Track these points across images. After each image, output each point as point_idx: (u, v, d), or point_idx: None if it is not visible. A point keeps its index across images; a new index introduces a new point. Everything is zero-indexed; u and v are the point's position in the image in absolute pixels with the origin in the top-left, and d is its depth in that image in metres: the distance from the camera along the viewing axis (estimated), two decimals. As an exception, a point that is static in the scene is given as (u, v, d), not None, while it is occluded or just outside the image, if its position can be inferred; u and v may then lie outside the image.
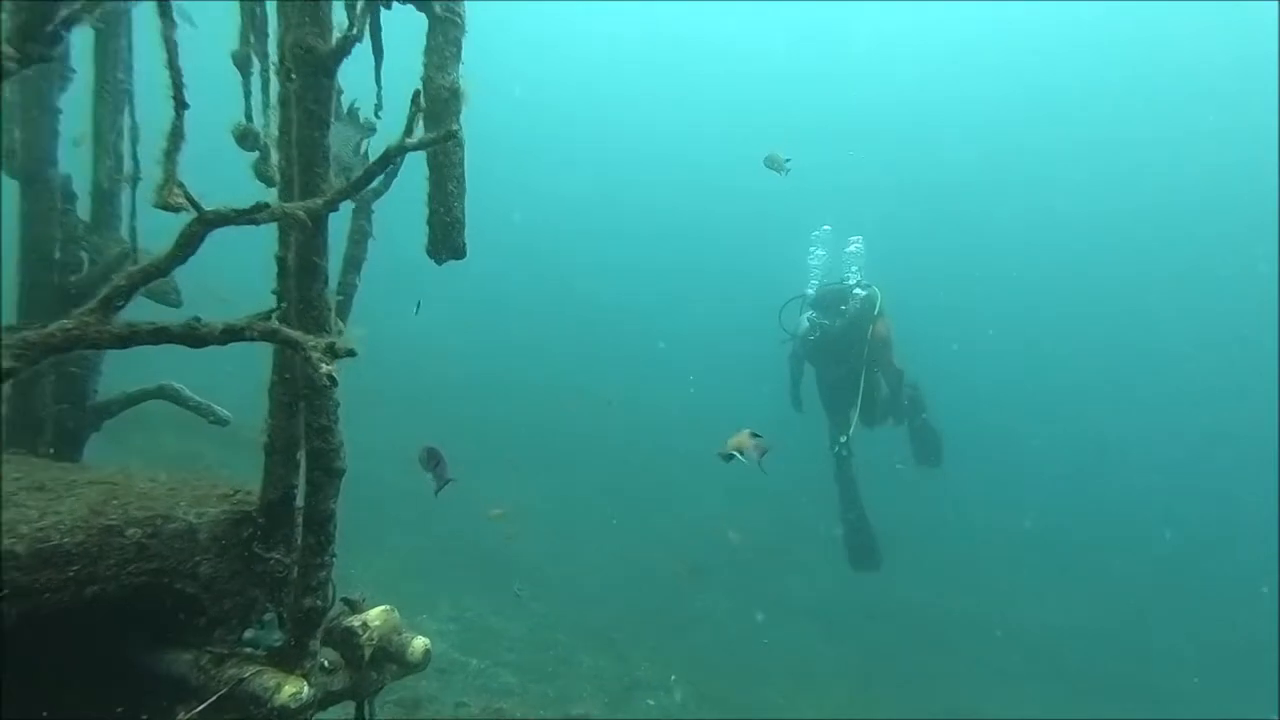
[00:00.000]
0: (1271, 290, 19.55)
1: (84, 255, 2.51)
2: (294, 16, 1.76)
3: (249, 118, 2.33)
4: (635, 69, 28.68)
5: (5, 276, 2.75)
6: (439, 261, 2.26)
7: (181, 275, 2.78)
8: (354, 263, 2.86)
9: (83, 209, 2.64)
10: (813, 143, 24.81)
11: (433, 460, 3.40)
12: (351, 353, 1.70)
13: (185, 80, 1.68)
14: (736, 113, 26.52)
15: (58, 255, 2.42)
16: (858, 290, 7.51)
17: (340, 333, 2.23)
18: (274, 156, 2.32)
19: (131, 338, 1.50)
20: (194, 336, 1.58)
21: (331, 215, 1.96)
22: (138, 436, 5.25)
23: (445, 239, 2.22)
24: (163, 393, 2.61)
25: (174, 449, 6.09)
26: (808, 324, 7.29)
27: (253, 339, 1.64)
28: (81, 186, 2.63)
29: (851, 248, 9.23)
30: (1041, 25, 23.30)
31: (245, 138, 2.33)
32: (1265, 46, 19.37)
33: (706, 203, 25.84)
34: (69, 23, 1.29)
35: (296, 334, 1.65)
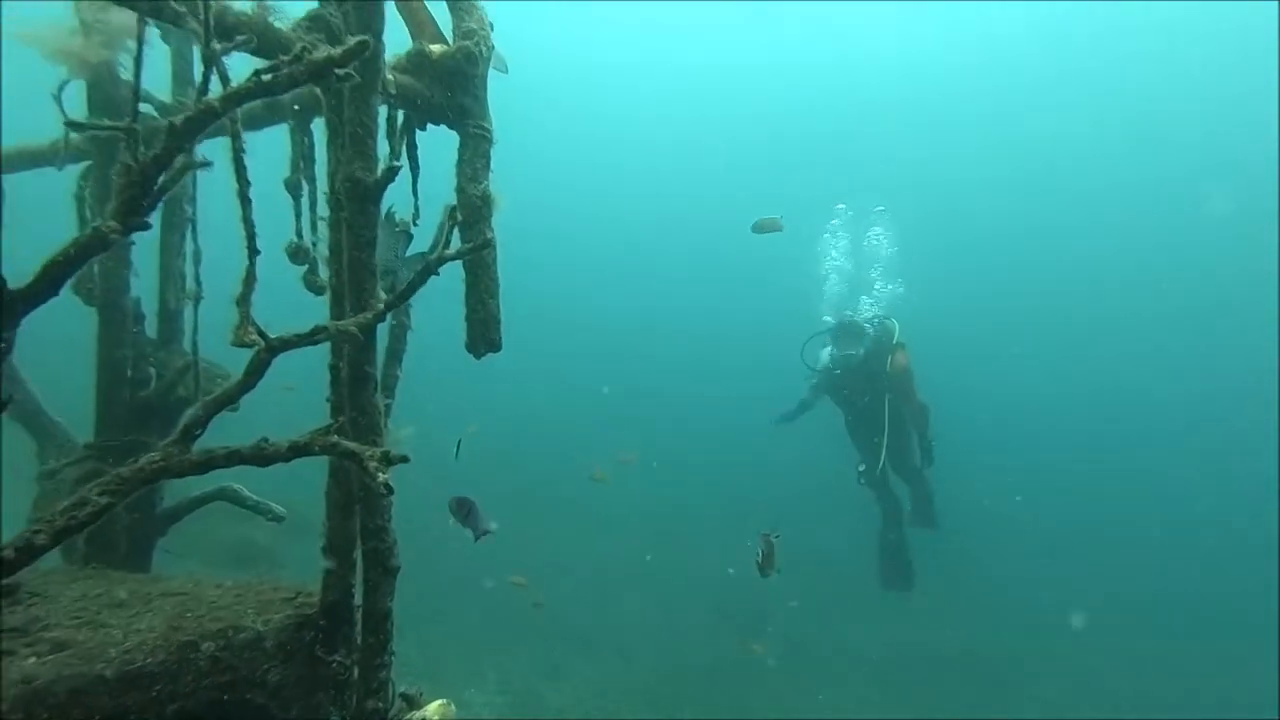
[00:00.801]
0: (1272, 289, 19.31)
1: (152, 370, 2.70)
2: (344, 153, 1.94)
3: (299, 235, 2.54)
4: (623, 81, 28.84)
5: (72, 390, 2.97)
6: (478, 356, 2.38)
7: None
8: (395, 355, 3.01)
9: (148, 326, 2.86)
10: (816, 143, 25.23)
11: (463, 510, 3.37)
12: (404, 459, 1.80)
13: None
14: (738, 118, 26.96)
15: (130, 373, 2.61)
16: (875, 319, 7.56)
17: (387, 426, 2.35)
18: (321, 270, 2.51)
19: (209, 463, 1.63)
20: (263, 456, 1.69)
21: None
22: (193, 525, 5.44)
23: (483, 335, 2.35)
24: (223, 494, 2.74)
25: (228, 535, 6.29)
26: (829, 358, 7.32)
27: (316, 454, 1.76)
28: (149, 306, 2.85)
29: (875, 233, 9.36)
30: (1041, 26, 23.47)
31: (297, 254, 2.53)
32: (1265, 46, 19.45)
33: (711, 213, 26.02)
34: (163, 193, 1.46)
35: (354, 446, 1.75)
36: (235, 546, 6.30)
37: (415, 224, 2.51)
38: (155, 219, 2.80)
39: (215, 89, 1.57)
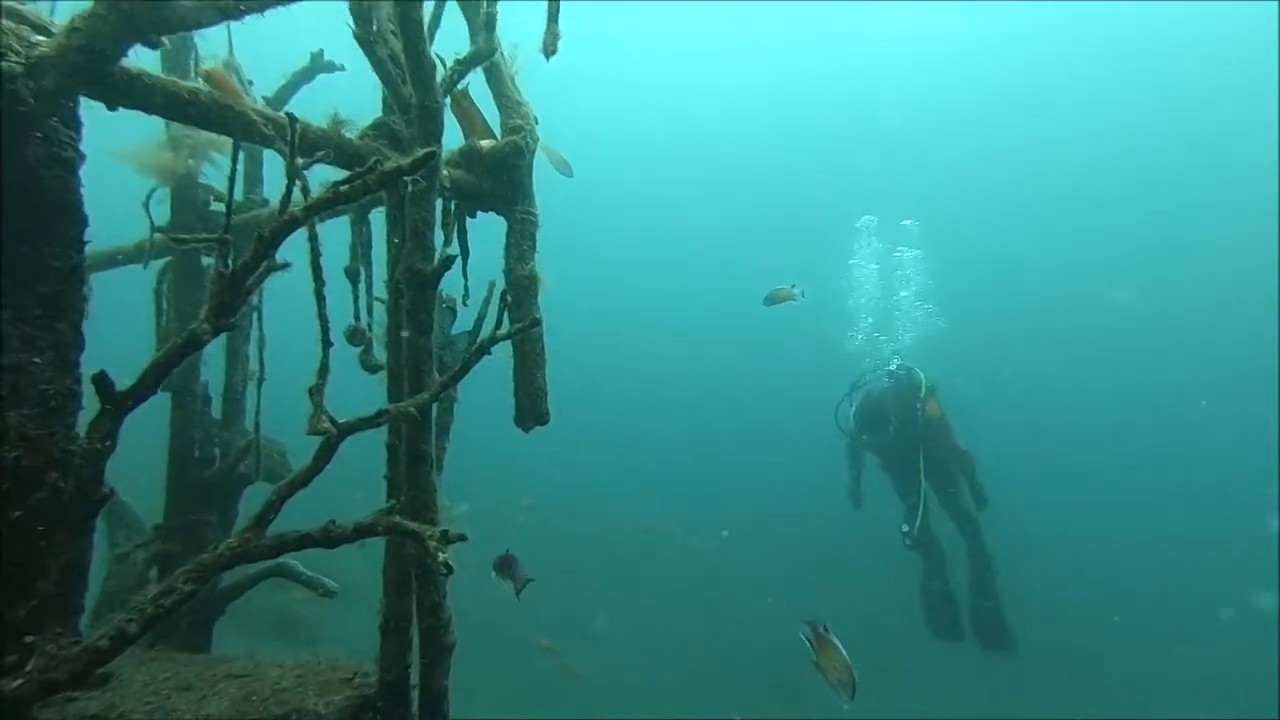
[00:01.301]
0: (1272, 290, 19.20)
1: (216, 451, 2.83)
2: (404, 245, 2.09)
3: (356, 318, 2.69)
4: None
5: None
6: (526, 429, 2.45)
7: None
8: (444, 428, 3.10)
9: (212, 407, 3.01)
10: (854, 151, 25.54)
11: (506, 566, 3.43)
12: (462, 537, 1.85)
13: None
14: (748, 135, 27.07)
15: (197, 453, 2.74)
16: (900, 368, 7.46)
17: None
18: (377, 350, 2.64)
19: (282, 547, 1.69)
20: (330, 539, 1.76)
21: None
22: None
23: (531, 409, 2.43)
24: (280, 570, 2.80)
25: (270, 604, 6.33)
26: (856, 419, 7.26)
27: (380, 534, 1.82)
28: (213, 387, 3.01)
29: (904, 254, 9.33)
30: (1039, 26, 23.45)
31: (354, 336, 2.67)
32: (1265, 46, 19.39)
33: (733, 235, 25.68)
34: (249, 294, 1.59)
35: (415, 526, 1.81)
36: (277, 616, 6.32)
37: (464, 303, 2.63)
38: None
39: (296, 197, 1.72)
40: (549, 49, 1.68)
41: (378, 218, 2.60)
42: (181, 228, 2.81)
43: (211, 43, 2.77)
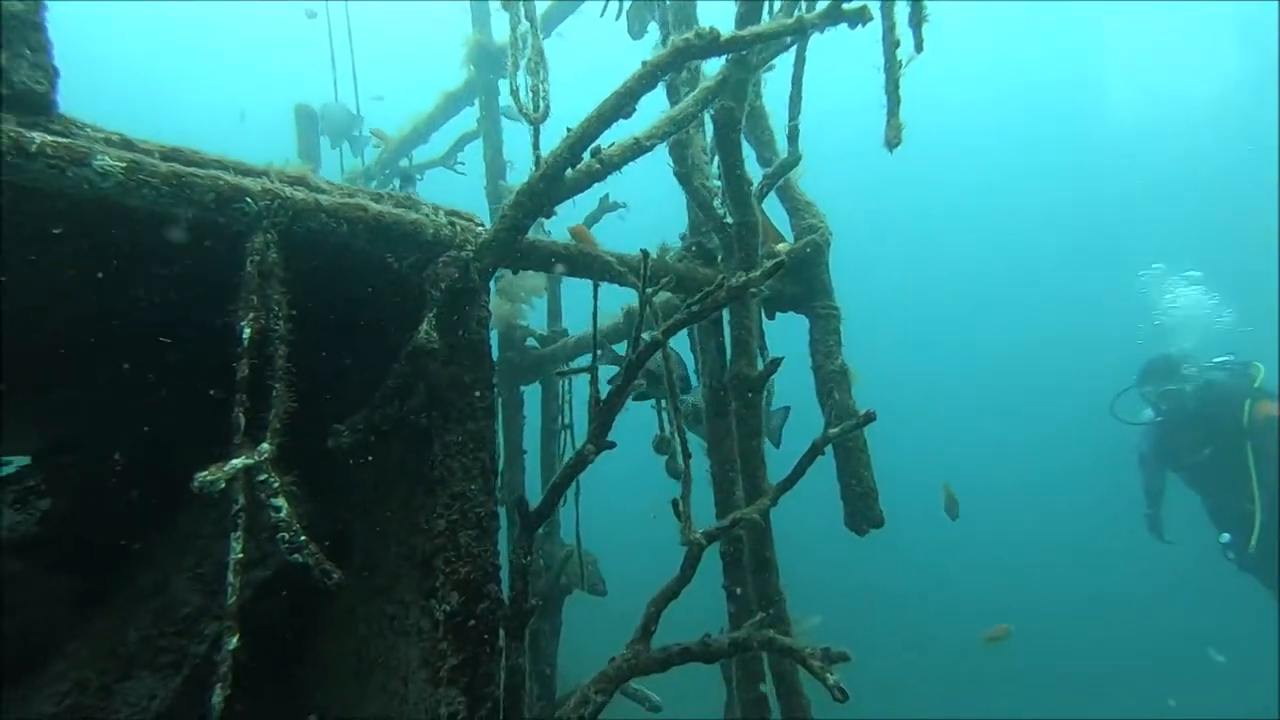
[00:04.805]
0: (1272, 293, 17.80)
1: (541, 562, 3.08)
2: (733, 353, 2.17)
3: (661, 428, 2.84)
4: None
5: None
6: (861, 533, 2.27)
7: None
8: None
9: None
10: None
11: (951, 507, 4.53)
12: (845, 657, 1.69)
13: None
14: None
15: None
16: (1222, 362, 5.66)
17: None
18: (679, 457, 2.74)
19: (668, 660, 1.70)
20: (709, 653, 1.73)
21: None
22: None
23: (863, 509, 2.26)
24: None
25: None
26: (1150, 405, 5.64)
27: (755, 650, 1.75)
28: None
29: None
30: (1038, 25, 22.90)
31: (661, 445, 2.81)
32: (1265, 47, 19.24)
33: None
34: (617, 413, 1.72)
35: (791, 642, 1.71)
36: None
37: (768, 404, 2.62)
38: (533, 420, 3.40)
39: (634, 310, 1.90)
40: (892, 142, 1.70)
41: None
42: (507, 361, 3.30)
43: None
